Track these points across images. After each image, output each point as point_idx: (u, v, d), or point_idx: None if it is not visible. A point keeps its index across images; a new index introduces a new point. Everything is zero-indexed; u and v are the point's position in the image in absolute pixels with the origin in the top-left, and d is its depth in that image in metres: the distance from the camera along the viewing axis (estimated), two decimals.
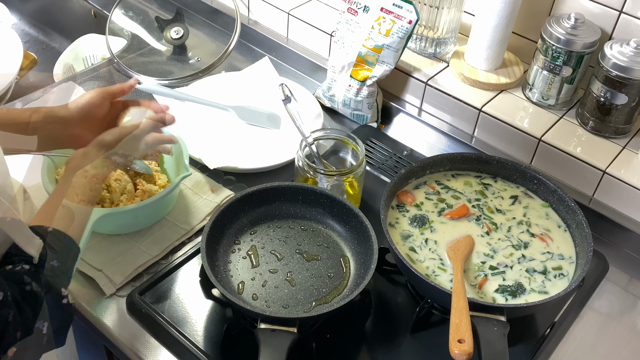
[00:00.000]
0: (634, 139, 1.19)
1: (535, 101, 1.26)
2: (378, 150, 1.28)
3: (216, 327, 0.95)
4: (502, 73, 1.29)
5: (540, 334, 0.99)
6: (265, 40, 1.54)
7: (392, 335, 0.96)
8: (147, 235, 1.06)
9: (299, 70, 1.49)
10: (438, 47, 1.35)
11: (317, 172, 1.06)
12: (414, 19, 1.21)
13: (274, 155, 1.23)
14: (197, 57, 1.52)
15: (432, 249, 1.01)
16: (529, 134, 1.20)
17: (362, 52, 1.27)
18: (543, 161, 1.21)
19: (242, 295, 0.95)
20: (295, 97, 1.17)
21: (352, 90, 1.30)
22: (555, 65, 1.19)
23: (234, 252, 1.01)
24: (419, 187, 1.11)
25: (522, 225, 1.06)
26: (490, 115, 1.24)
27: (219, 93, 1.37)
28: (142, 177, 1.10)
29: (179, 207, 1.12)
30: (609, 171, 1.13)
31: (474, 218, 1.06)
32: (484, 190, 1.11)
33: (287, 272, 0.98)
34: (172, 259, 1.04)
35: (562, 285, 0.96)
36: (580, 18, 1.16)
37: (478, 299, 0.91)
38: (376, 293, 1.01)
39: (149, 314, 0.95)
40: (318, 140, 1.13)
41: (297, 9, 1.49)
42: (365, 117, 1.34)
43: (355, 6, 1.27)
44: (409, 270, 0.92)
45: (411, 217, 1.05)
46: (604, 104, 1.16)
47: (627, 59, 1.10)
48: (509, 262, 1.00)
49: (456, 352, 0.79)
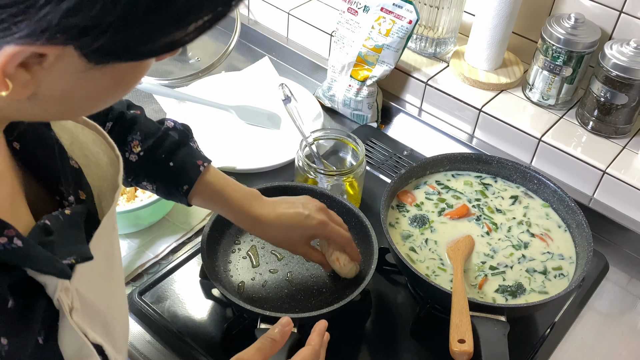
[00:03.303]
0: (634, 139, 1.19)
1: (535, 101, 1.26)
2: (378, 150, 1.28)
3: (216, 327, 0.95)
4: (502, 73, 1.29)
5: (540, 334, 0.99)
6: (265, 40, 1.54)
7: (392, 335, 0.96)
8: (147, 235, 1.06)
9: (299, 70, 1.49)
10: (438, 47, 1.35)
11: (317, 172, 1.06)
12: (414, 19, 1.21)
13: (274, 155, 1.23)
14: (197, 57, 1.52)
15: (432, 249, 1.01)
16: (529, 134, 1.20)
17: (362, 52, 1.27)
18: (543, 161, 1.21)
19: (242, 295, 0.95)
20: (295, 97, 1.17)
21: (352, 90, 1.30)
22: (555, 65, 1.19)
23: (234, 252, 1.01)
24: (419, 187, 1.11)
25: (522, 225, 1.06)
26: (490, 115, 1.24)
27: (219, 93, 1.37)
28: None
29: (179, 207, 1.12)
30: (609, 171, 1.13)
31: (474, 218, 1.06)
32: (484, 190, 1.11)
33: (287, 272, 0.98)
34: (172, 259, 1.04)
35: (562, 285, 0.96)
36: (580, 18, 1.16)
37: (478, 299, 0.91)
38: (376, 293, 1.01)
39: (149, 314, 0.95)
40: (318, 140, 1.13)
41: (297, 9, 1.49)
42: (365, 117, 1.34)
43: (355, 6, 1.26)
44: (409, 270, 0.92)
45: (411, 217, 1.05)
46: (604, 104, 1.16)
47: (627, 59, 1.10)
48: (509, 262, 1.00)
49: (456, 352, 0.79)
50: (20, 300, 0.48)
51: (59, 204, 0.57)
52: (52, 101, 0.44)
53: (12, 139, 0.54)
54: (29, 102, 0.43)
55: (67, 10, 0.36)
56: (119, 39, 0.39)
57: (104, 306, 0.58)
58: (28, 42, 0.38)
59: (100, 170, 0.63)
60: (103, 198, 0.63)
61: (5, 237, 0.45)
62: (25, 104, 0.44)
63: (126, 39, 0.40)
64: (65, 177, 0.57)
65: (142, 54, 0.42)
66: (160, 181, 0.87)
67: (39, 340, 0.50)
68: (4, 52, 0.38)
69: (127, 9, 0.37)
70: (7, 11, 0.36)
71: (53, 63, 0.40)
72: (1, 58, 0.38)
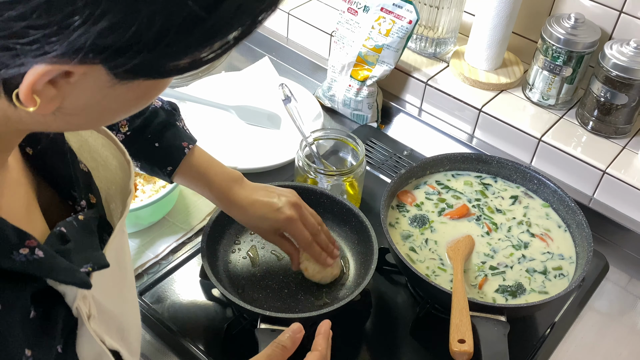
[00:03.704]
0: (634, 139, 1.19)
1: (535, 101, 1.26)
2: (378, 150, 1.28)
3: (216, 327, 0.95)
4: (502, 73, 1.29)
5: (540, 334, 0.99)
6: (265, 40, 1.53)
7: (392, 335, 0.96)
8: (147, 235, 1.06)
9: (299, 70, 1.49)
10: (438, 47, 1.35)
11: (317, 172, 1.06)
12: (414, 19, 1.21)
13: (274, 155, 1.22)
14: None
15: (432, 249, 1.01)
16: (529, 134, 1.20)
17: (362, 52, 1.27)
18: (543, 161, 1.21)
19: (242, 295, 0.95)
20: (295, 97, 1.17)
21: (352, 90, 1.30)
22: (555, 65, 1.19)
23: (234, 252, 1.01)
24: (419, 187, 1.11)
25: (522, 225, 1.06)
26: (490, 115, 1.24)
27: (219, 93, 1.37)
28: (142, 177, 1.10)
29: (179, 207, 1.12)
30: (609, 171, 1.13)
31: (474, 218, 1.06)
32: (484, 190, 1.11)
33: (287, 272, 0.98)
34: (172, 259, 1.04)
35: (562, 285, 0.96)
36: (580, 18, 1.16)
37: (478, 299, 0.91)
38: (376, 293, 1.01)
39: (149, 314, 0.95)
40: (318, 140, 1.13)
41: (297, 9, 1.49)
42: (365, 117, 1.34)
43: (355, 6, 1.26)
44: (409, 270, 0.92)
45: (411, 217, 1.05)
46: (604, 104, 1.16)
47: (627, 59, 1.10)
48: (509, 262, 1.00)
49: (456, 352, 0.79)
50: (40, 310, 0.48)
51: (72, 208, 0.57)
52: (76, 114, 0.44)
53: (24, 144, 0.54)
54: (53, 116, 0.43)
55: (102, 30, 0.36)
56: (150, 58, 0.39)
57: (118, 311, 0.59)
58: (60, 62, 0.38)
59: (108, 173, 0.63)
60: (111, 200, 0.63)
61: (27, 248, 0.45)
62: (49, 118, 0.43)
63: (157, 58, 0.39)
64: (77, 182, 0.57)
65: (169, 71, 0.42)
66: (145, 160, 0.89)
67: (58, 349, 0.50)
68: (34, 71, 0.38)
69: (162, 30, 0.37)
70: (41, 32, 0.36)
71: (80, 79, 0.40)
72: (31, 77, 0.38)
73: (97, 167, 0.62)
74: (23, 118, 0.43)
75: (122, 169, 0.63)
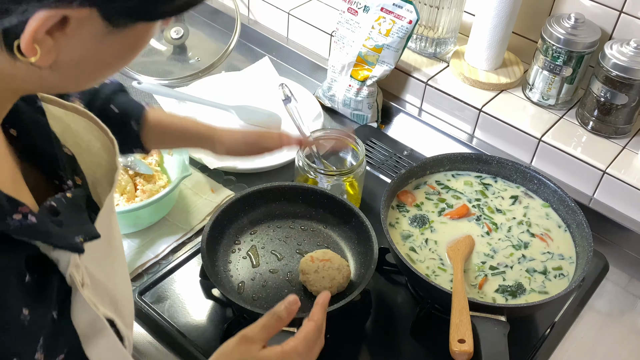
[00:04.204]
0: (634, 139, 1.19)
1: (535, 101, 1.26)
2: (378, 150, 1.28)
3: (216, 327, 0.95)
4: (502, 73, 1.29)
5: (540, 334, 0.99)
6: (265, 40, 1.53)
7: (392, 335, 0.96)
8: (147, 235, 1.06)
9: (299, 70, 1.49)
10: (438, 47, 1.35)
11: (317, 172, 1.06)
12: (414, 19, 1.21)
13: (274, 155, 1.22)
14: (197, 57, 1.52)
15: (432, 249, 1.01)
16: (529, 134, 1.20)
17: (362, 52, 1.27)
18: (543, 161, 1.21)
19: (242, 295, 0.95)
20: (295, 97, 1.17)
21: (352, 90, 1.30)
22: (555, 65, 1.19)
23: (234, 252, 1.01)
24: (419, 187, 1.11)
25: (522, 225, 1.06)
26: (491, 115, 1.24)
27: (219, 93, 1.36)
28: (142, 177, 1.10)
29: (179, 207, 1.12)
30: (609, 171, 1.13)
31: (474, 218, 1.06)
32: (484, 190, 1.11)
33: (287, 272, 0.98)
34: (172, 259, 1.04)
35: (562, 285, 0.96)
36: (581, 18, 1.16)
37: (478, 299, 0.91)
38: (376, 293, 1.01)
39: (149, 314, 0.95)
40: (318, 140, 1.13)
41: (297, 9, 1.49)
42: (365, 117, 1.34)
43: (355, 6, 1.26)
44: (409, 270, 0.92)
45: (411, 217, 1.05)
46: (604, 104, 1.16)
47: (627, 59, 1.10)
48: (509, 262, 1.00)
49: (456, 352, 0.79)
50: (34, 276, 0.49)
51: (58, 188, 0.58)
52: (71, 68, 0.46)
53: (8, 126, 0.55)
54: (49, 71, 0.45)
55: None
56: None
57: (110, 284, 0.60)
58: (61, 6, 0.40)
59: (93, 157, 0.64)
60: (98, 184, 0.64)
61: (20, 214, 0.46)
62: (46, 73, 0.45)
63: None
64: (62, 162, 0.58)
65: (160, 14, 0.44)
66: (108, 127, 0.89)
67: (53, 315, 0.51)
68: (37, 17, 0.40)
69: None
70: None
71: (75, 28, 0.42)
72: (34, 23, 0.40)
73: (81, 152, 0.63)
74: (18, 74, 0.45)
75: (106, 150, 0.64)
